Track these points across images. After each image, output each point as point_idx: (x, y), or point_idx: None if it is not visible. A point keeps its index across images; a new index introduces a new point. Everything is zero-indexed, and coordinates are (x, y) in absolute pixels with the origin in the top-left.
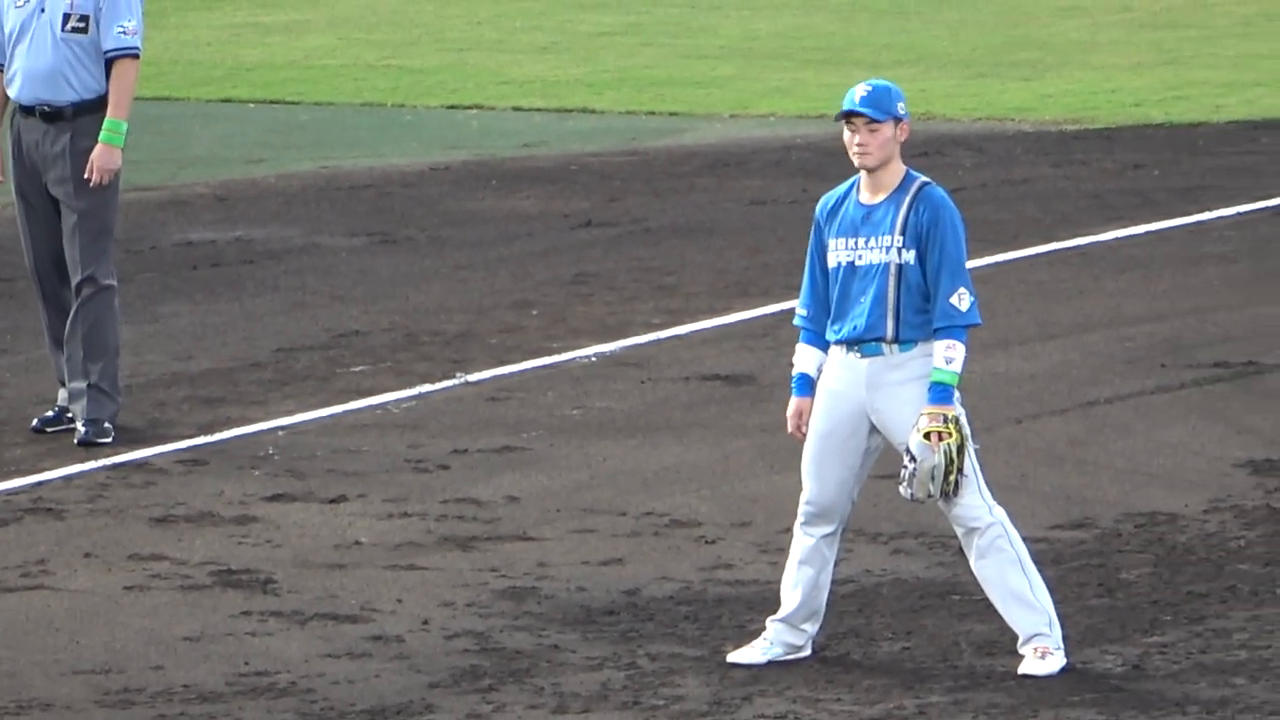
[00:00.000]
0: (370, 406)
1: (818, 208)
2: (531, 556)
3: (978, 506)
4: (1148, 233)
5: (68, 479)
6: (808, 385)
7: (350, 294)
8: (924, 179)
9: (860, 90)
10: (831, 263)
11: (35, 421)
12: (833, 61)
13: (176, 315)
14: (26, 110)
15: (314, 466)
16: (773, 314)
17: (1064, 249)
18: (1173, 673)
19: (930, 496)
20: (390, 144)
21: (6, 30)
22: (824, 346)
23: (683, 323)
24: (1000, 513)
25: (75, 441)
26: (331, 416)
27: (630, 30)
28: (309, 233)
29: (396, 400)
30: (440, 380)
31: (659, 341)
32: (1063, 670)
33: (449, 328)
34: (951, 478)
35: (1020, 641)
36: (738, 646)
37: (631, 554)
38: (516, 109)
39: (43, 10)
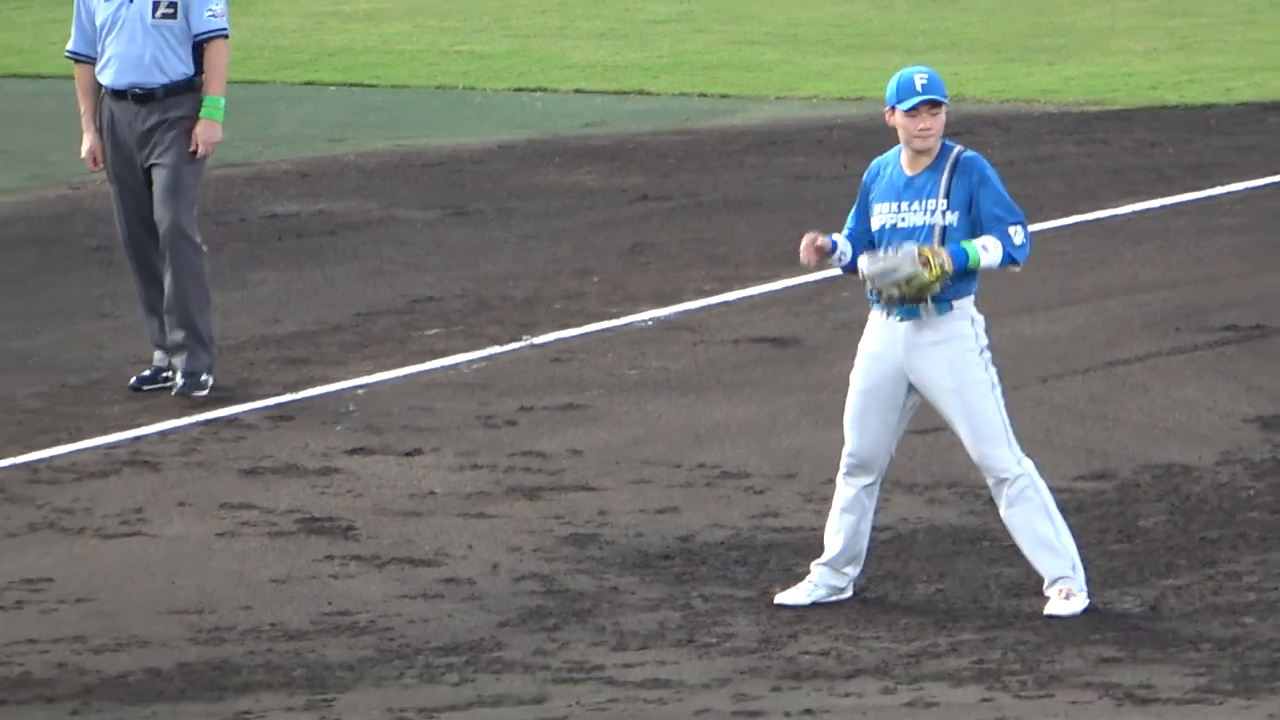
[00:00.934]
0: (443, 367)
1: (866, 172)
2: (593, 505)
3: (1007, 459)
4: (1163, 206)
5: (164, 434)
6: (833, 241)
7: (424, 263)
8: (959, 146)
9: (920, 78)
10: (875, 225)
11: (133, 380)
12: (871, 47)
13: (263, 282)
14: (118, 94)
15: (391, 422)
16: (816, 281)
17: (1085, 221)
18: (1187, 613)
19: (871, 282)
20: (461, 124)
21: (97, 23)
22: (856, 248)
23: (732, 289)
24: (1028, 464)
25: (173, 394)
26: (407, 376)
27: (684, 18)
28: (386, 206)
29: (468, 361)
30: (508, 342)
31: (710, 307)
32: (1085, 610)
33: (516, 294)
34: (895, 292)
35: (1046, 584)
36: (784, 589)
37: (686, 503)
38: (578, 91)
39: (131, 1)
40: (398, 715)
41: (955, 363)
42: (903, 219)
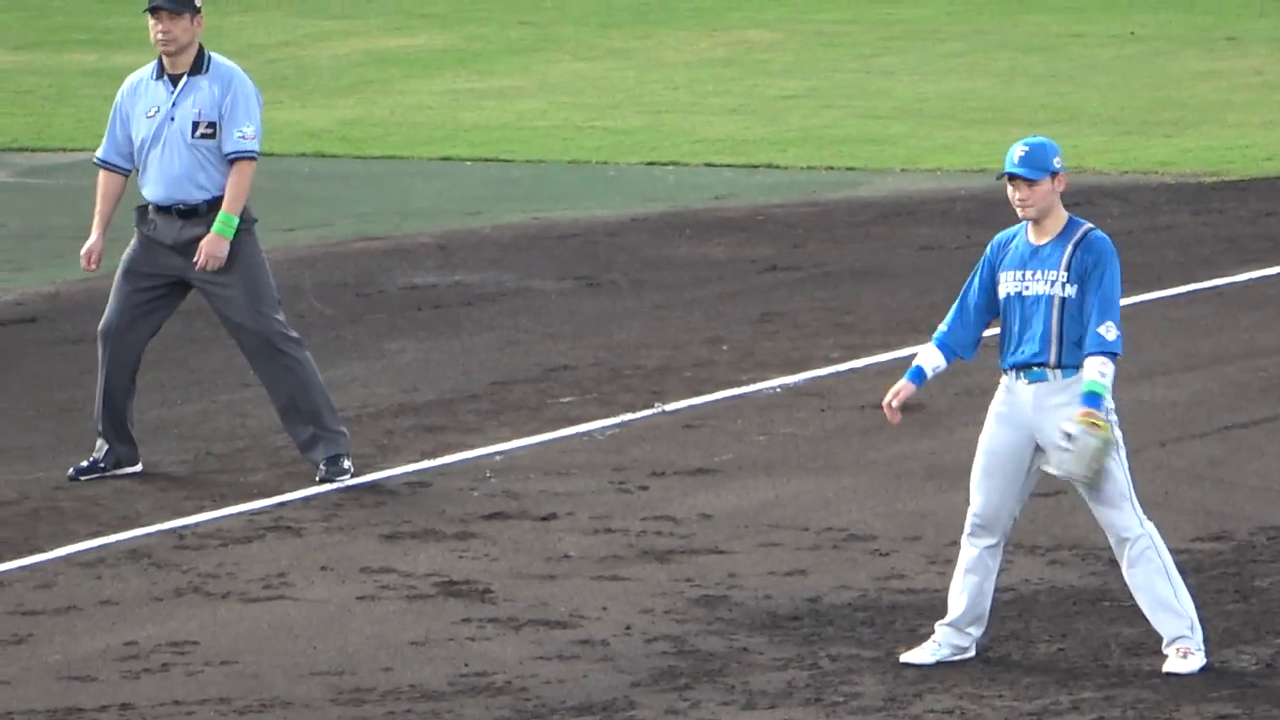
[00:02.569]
0: (578, 434)
1: (991, 244)
2: (723, 568)
3: (1130, 519)
4: (1279, 274)
5: (306, 500)
6: (918, 375)
7: (559, 332)
8: (1088, 225)
9: (1018, 151)
10: (1001, 294)
11: (71, 471)
12: (994, 121)
13: (402, 352)
14: (162, 209)
15: (527, 488)
16: None
17: (1203, 289)
18: None
19: (1084, 476)
20: (595, 197)
21: (138, 139)
22: (949, 355)
23: (859, 356)
24: (1150, 526)
25: (317, 480)
26: (543, 443)
27: (811, 94)
28: (521, 277)
29: (601, 428)
30: (641, 409)
31: (838, 374)
32: (1203, 669)
33: (648, 362)
34: (1097, 465)
35: (1165, 643)
36: (910, 648)
37: (813, 565)
38: (708, 165)
39: (172, 119)
40: None
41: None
42: (1026, 287)
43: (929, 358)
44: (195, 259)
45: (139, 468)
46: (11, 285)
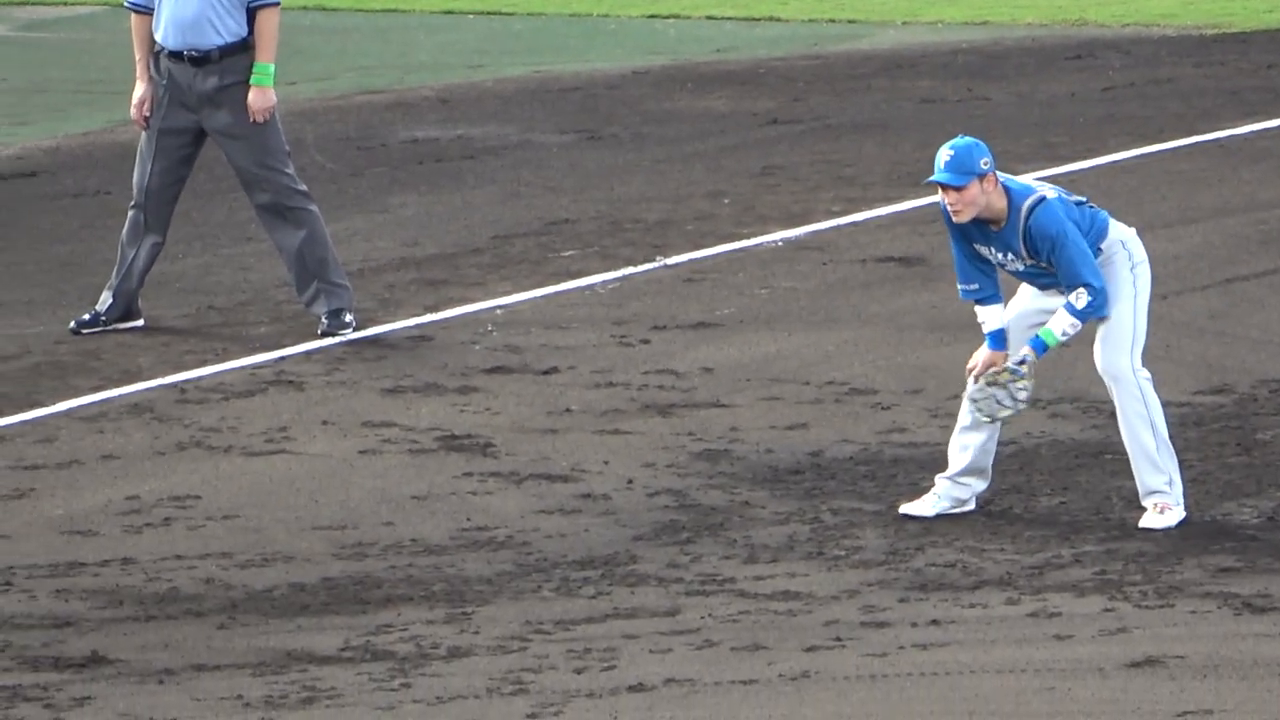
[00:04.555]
0: (579, 287)
1: (944, 218)
2: (724, 422)
3: (1124, 362)
4: None
5: (308, 354)
6: (1000, 339)
7: (560, 186)
8: (1028, 206)
9: (944, 156)
10: (984, 254)
11: (72, 324)
12: None
13: (404, 205)
14: (175, 55)
15: (529, 341)
16: (941, 202)
17: (1204, 141)
18: None
19: (986, 404)
20: (596, 50)
21: None
22: (999, 298)
23: (860, 210)
24: (1143, 376)
25: (319, 333)
26: (544, 296)
27: None
28: (523, 131)
29: (603, 281)
30: (642, 263)
31: (839, 227)
32: (1182, 523)
33: (649, 215)
34: (998, 408)
35: (1141, 495)
36: (910, 501)
37: (815, 419)
38: (710, 18)
39: None
40: (535, 628)
41: (1117, 275)
42: (1008, 264)
43: (993, 317)
44: (251, 115)
45: (141, 322)
46: (12, 139)
